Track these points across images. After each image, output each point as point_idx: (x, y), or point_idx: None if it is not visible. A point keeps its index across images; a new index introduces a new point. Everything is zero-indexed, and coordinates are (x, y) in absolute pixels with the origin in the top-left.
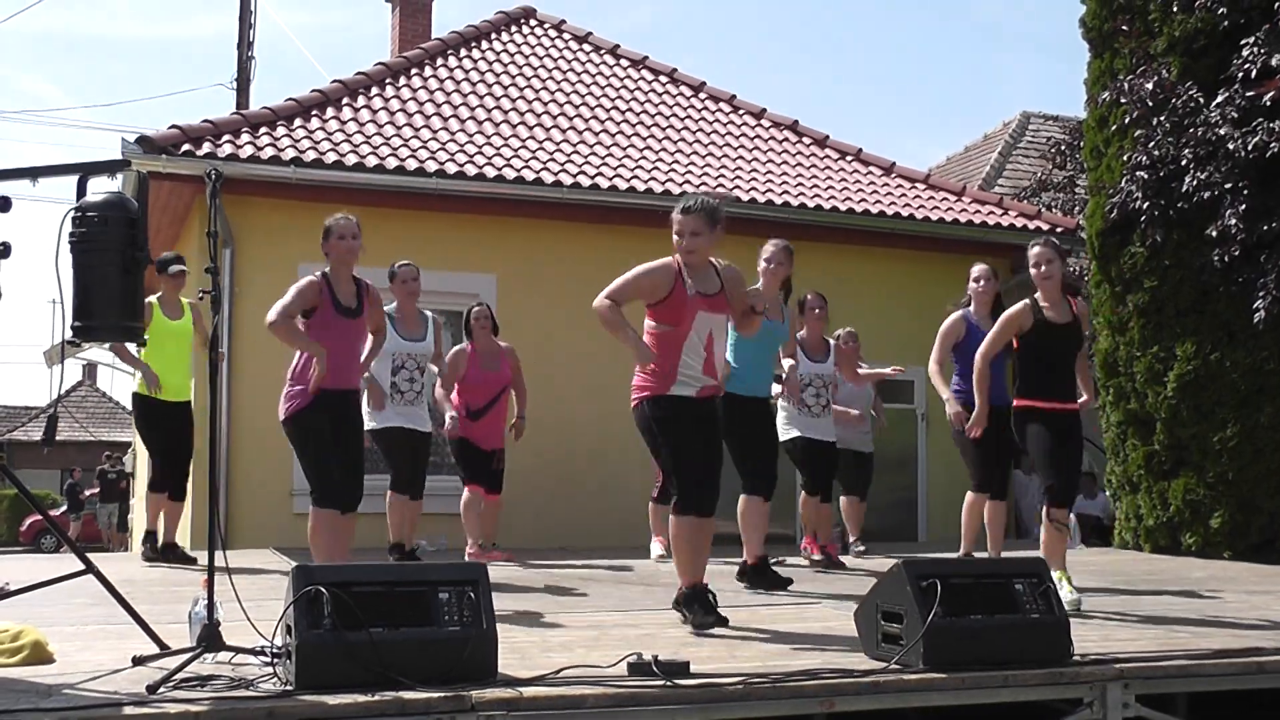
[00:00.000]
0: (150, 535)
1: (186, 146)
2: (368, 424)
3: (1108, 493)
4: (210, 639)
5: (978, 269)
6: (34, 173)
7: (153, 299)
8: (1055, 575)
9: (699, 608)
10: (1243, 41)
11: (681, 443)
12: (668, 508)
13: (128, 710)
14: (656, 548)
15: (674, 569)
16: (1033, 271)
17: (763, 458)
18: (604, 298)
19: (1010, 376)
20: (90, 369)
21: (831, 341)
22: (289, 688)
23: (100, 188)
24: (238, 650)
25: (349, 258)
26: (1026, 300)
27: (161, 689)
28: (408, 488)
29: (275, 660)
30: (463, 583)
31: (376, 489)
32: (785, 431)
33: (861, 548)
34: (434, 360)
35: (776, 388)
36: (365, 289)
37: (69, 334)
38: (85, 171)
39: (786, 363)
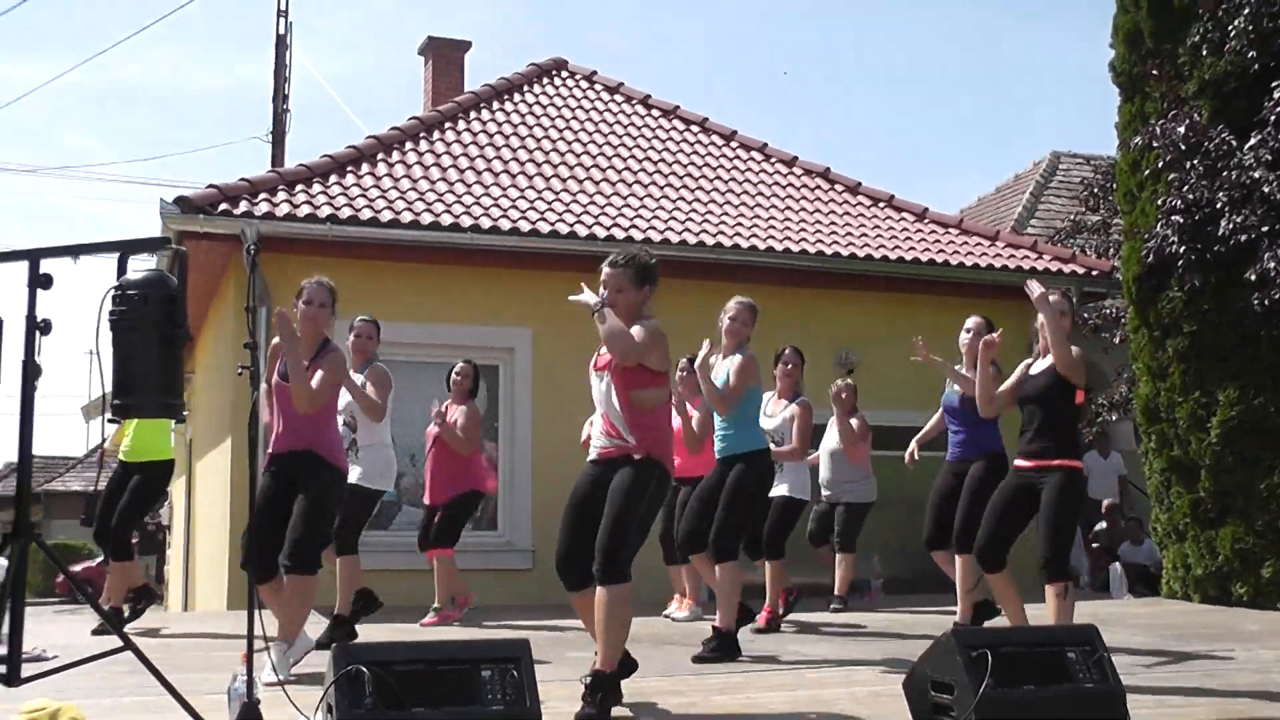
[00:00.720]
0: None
1: (224, 206)
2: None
3: (1153, 540)
4: (250, 717)
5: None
6: (75, 250)
7: None
8: None
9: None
10: (1274, 84)
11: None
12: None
13: None
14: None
15: (690, 631)
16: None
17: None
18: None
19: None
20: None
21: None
22: None
23: (140, 263)
24: None
25: (307, 325)
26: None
27: None
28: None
29: None
30: (505, 660)
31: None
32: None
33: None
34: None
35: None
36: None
37: (109, 413)
38: (126, 249)
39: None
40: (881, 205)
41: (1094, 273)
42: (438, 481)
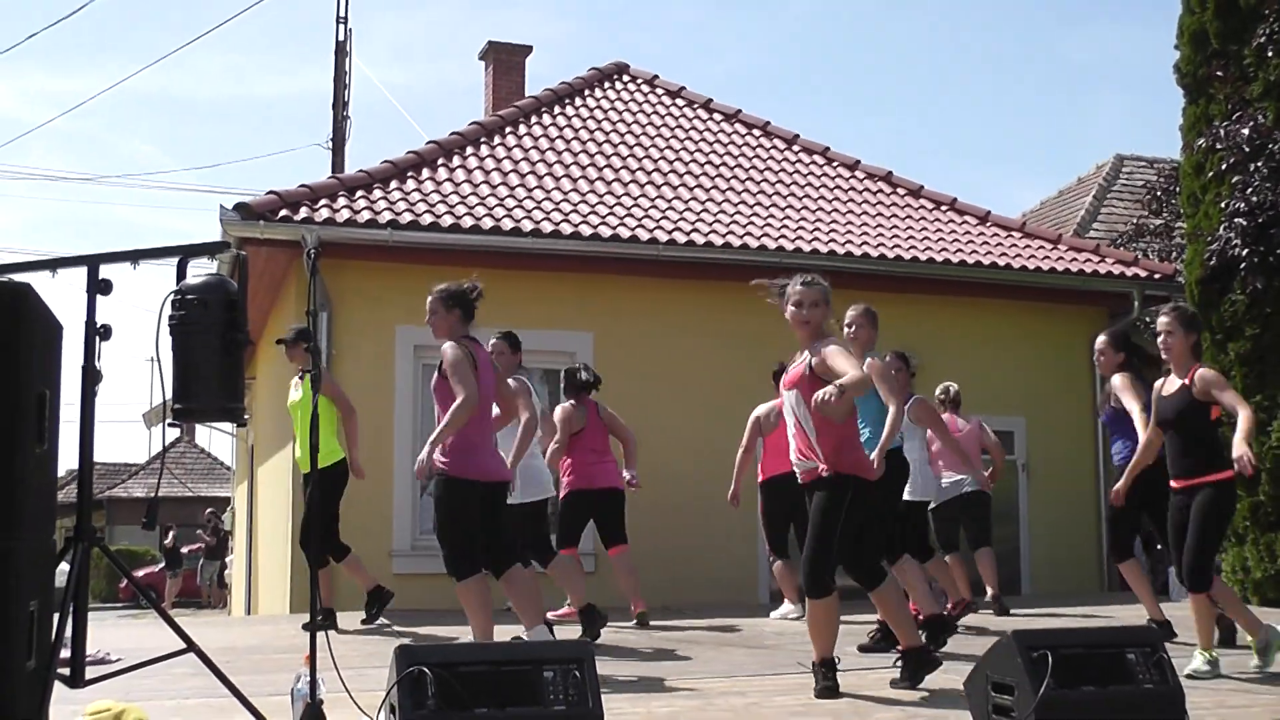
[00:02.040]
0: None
1: (284, 212)
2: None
3: None
4: (313, 718)
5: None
6: (135, 256)
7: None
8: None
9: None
10: None
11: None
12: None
13: None
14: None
15: (783, 630)
16: None
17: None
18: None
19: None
20: (190, 427)
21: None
22: None
23: (201, 268)
24: None
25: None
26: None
27: None
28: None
29: None
30: (569, 661)
31: None
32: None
33: None
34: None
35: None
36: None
37: (170, 418)
38: (185, 254)
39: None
40: (944, 209)
41: (1156, 276)
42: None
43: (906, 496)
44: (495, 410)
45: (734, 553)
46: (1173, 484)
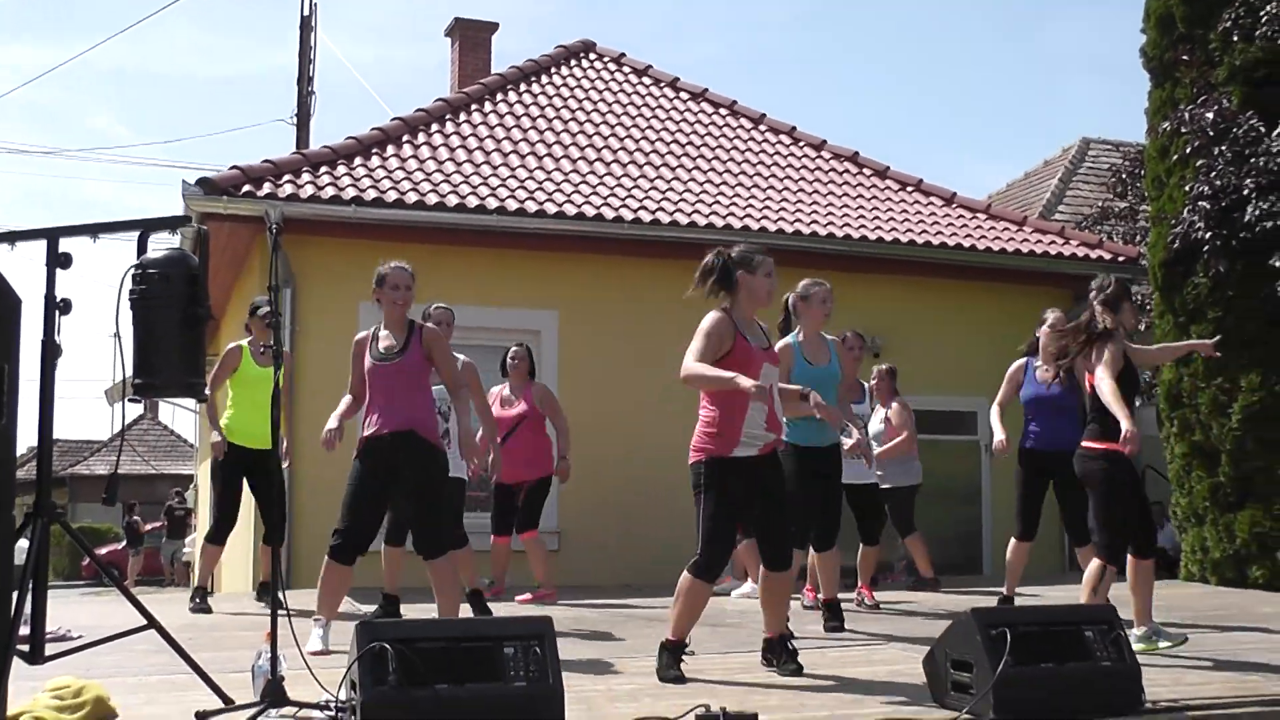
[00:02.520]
0: (201, 590)
1: (247, 187)
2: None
3: (1173, 524)
4: (274, 694)
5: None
6: (94, 229)
7: (243, 343)
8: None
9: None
10: None
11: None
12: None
13: None
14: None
15: (746, 609)
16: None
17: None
18: (687, 365)
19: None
20: (153, 403)
21: (866, 385)
22: None
23: (162, 242)
24: (302, 705)
25: (390, 307)
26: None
27: None
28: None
29: (340, 716)
30: (528, 637)
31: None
32: None
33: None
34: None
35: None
36: (418, 330)
37: (130, 392)
38: (146, 228)
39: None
40: (910, 190)
41: (1120, 259)
42: (519, 463)
43: (851, 480)
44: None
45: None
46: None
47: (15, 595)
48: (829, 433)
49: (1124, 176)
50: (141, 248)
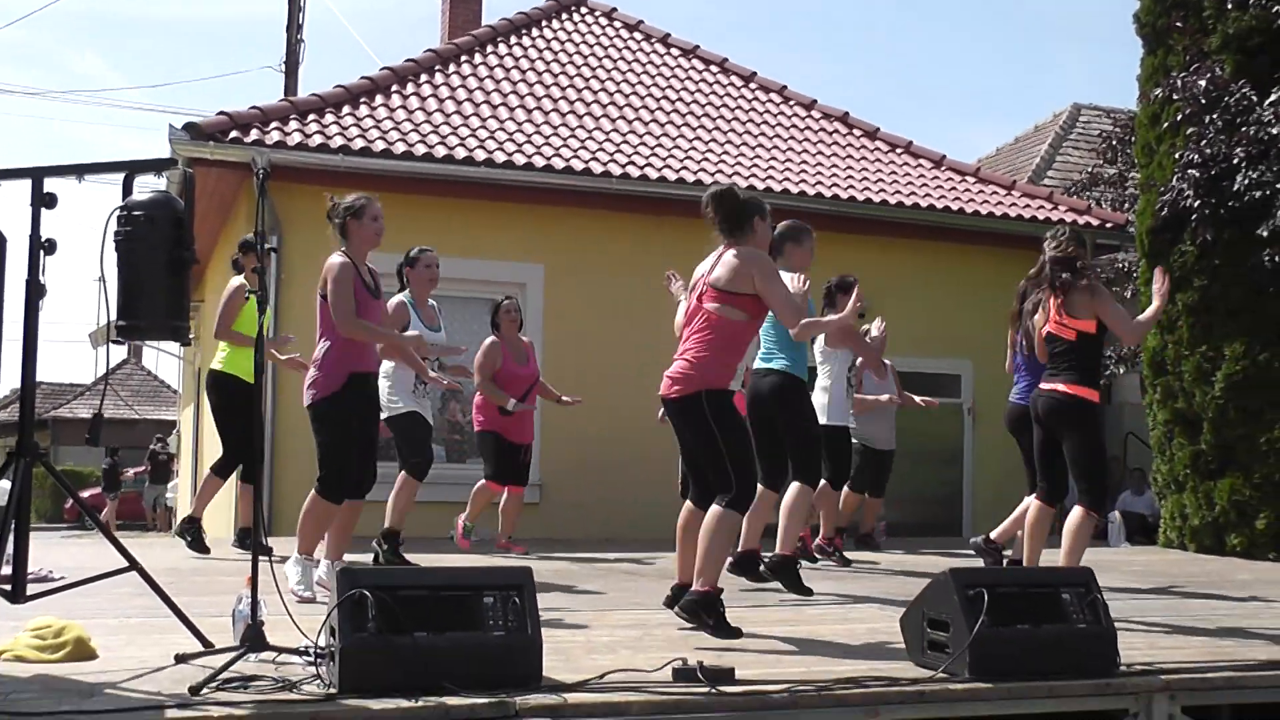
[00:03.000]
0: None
1: (234, 134)
2: (398, 408)
3: (1153, 491)
4: (254, 639)
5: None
6: (80, 170)
7: (242, 280)
8: None
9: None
10: None
11: (743, 436)
12: None
13: (170, 713)
14: None
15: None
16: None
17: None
18: (798, 315)
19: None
20: (136, 348)
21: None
22: (332, 691)
23: (147, 185)
24: (281, 650)
25: (376, 241)
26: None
27: (204, 690)
28: (423, 473)
29: (319, 662)
30: (508, 587)
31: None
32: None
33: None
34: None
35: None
36: (374, 273)
37: (114, 334)
38: (132, 170)
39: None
40: (899, 151)
41: (1108, 225)
42: (529, 425)
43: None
44: None
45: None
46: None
47: None
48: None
49: (1114, 143)
50: (127, 189)
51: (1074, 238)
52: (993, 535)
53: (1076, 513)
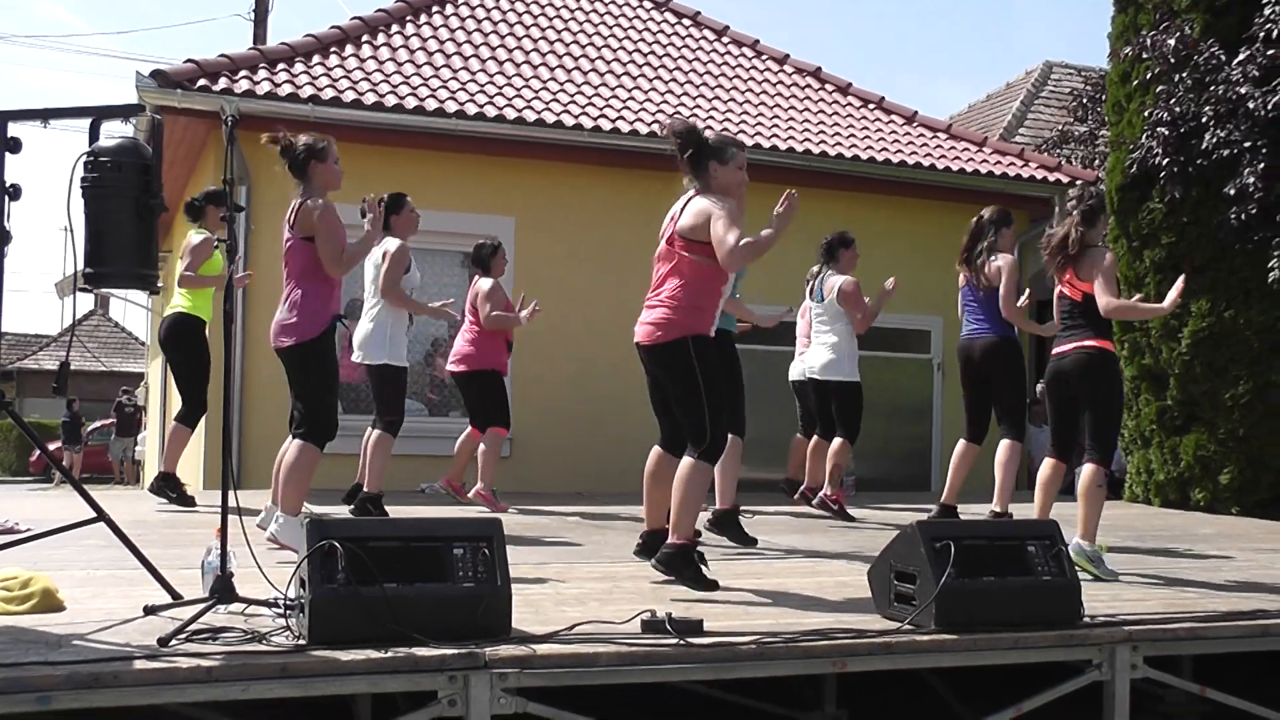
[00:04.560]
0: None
1: (202, 82)
2: (386, 359)
3: (1119, 446)
4: (223, 590)
5: None
6: (46, 114)
7: (206, 234)
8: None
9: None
10: (1265, 0)
11: (722, 385)
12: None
13: (139, 664)
14: None
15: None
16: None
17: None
18: (737, 240)
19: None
20: (103, 299)
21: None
22: (302, 642)
23: (114, 131)
24: (251, 602)
25: (338, 185)
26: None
27: (173, 641)
28: (398, 430)
29: (288, 613)
30: (478, 539)
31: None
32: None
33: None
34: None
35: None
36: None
37: (81, 282)
38: (99, 115)
39: None
40: (871, 107)
41: (1078, 182)
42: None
43: (821, 375)
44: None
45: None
46: None
47: None
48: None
49: (1085, 101)
50: (94, 135)
51: (1095, 202)
52: (945, 501)
53: (1091, 470)
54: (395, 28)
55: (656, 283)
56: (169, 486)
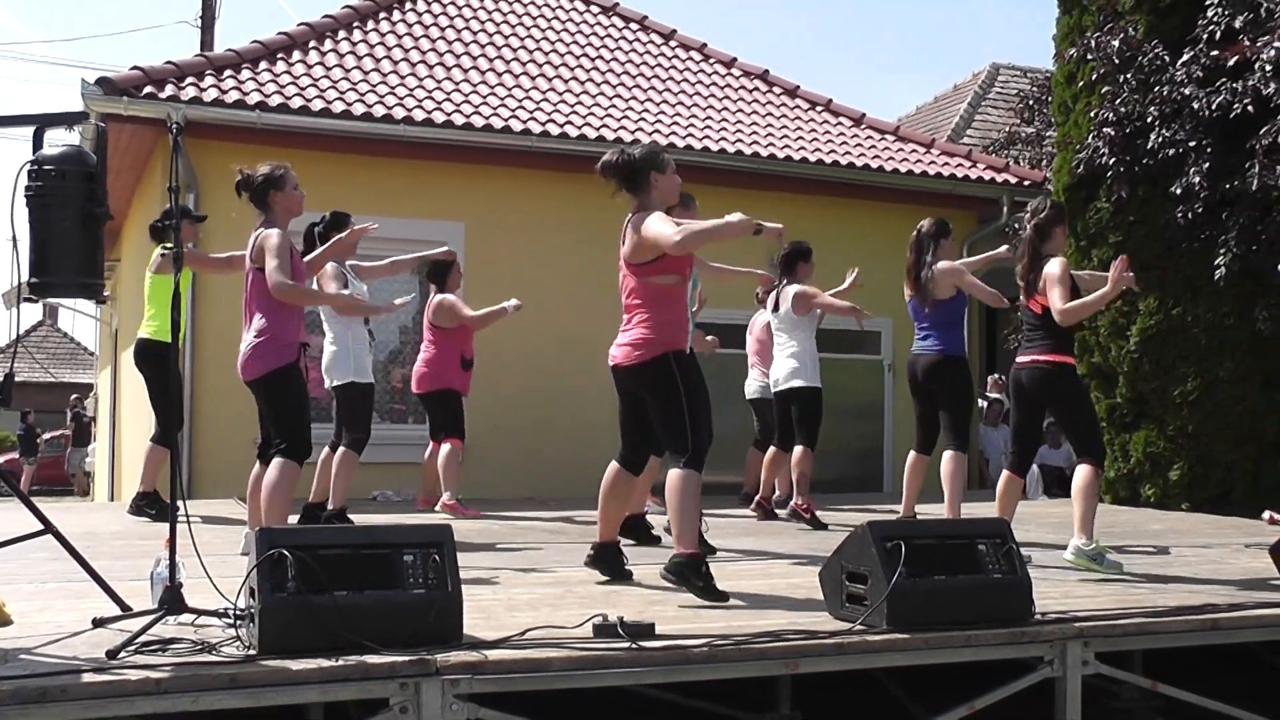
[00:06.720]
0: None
1: (149, 89)
2: (352, 378)
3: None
4: (172, 601)
5: None
6: None
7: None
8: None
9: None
10: (1208, 2)
11: (705, 397)
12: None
13: (87, 678)
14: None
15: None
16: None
17: None
18: (675, 234)
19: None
20: (52, 309)
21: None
22: (252, 652)
23: (59, 140)
24: (200, 613)
25: (300, 209)
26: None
27: (122, 654)
28: (363, 448)
29: (238, 623)
30: (428, 545)
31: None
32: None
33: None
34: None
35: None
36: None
37: (26, 292)
38: (42, 123)
39: None
40: (819, 109)
41: (1025, 183)
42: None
43: (785, 384)
44: None
45: (603, 446)
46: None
47: None
48: None
49: (1031, 102)
50: (37, 144)
51: (1047, 214)
52: (904, 515)
53: (1084, 471)
54: (343, 34)
55: (625, 310)
56: (148, 504)
